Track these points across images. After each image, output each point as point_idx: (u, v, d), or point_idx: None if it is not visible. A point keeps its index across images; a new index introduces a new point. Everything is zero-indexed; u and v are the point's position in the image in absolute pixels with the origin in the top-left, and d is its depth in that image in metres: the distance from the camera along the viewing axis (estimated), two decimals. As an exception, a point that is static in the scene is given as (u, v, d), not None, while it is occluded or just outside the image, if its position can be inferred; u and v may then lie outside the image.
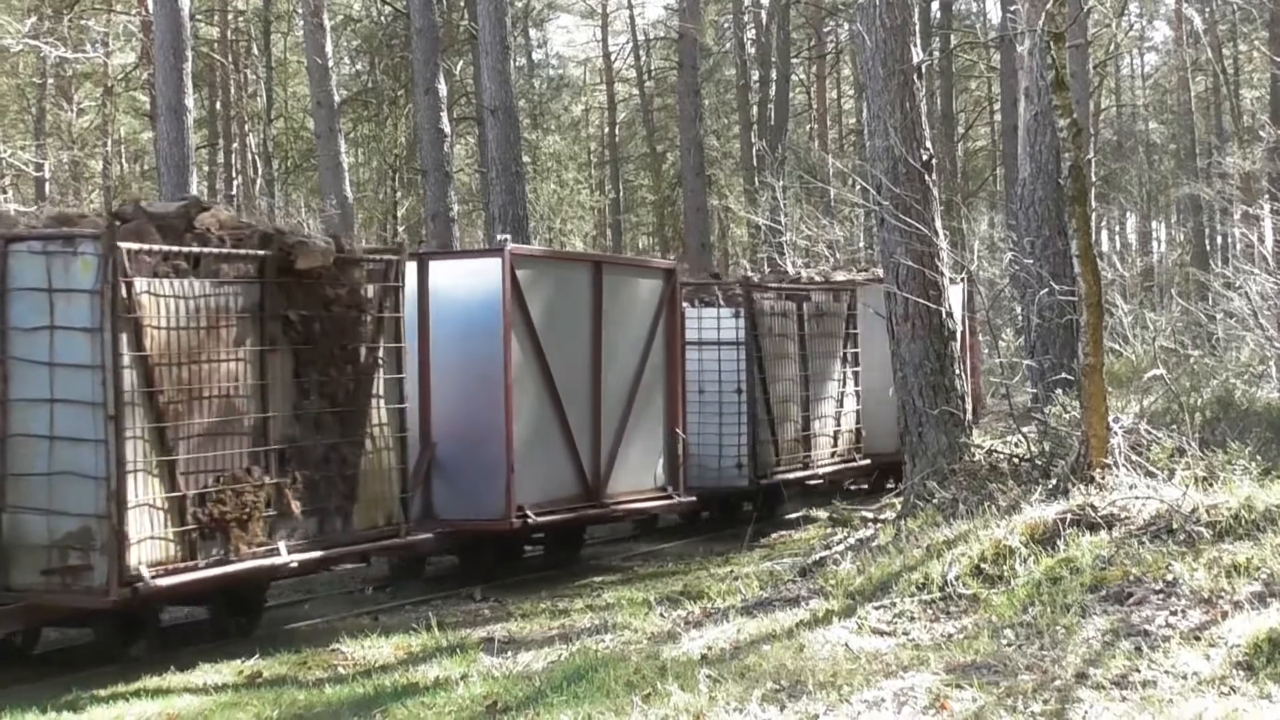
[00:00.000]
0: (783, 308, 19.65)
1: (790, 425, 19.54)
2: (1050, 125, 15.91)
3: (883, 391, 20.16)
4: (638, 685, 8.47)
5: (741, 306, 18.70)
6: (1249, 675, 7.90)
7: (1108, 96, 55.01)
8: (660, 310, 16.69)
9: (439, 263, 15.10)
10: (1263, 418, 13.90)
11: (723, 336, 18.72)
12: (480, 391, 14.56)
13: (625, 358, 16.09)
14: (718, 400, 18.58)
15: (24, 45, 30.62)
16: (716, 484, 18.59)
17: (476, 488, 14.50)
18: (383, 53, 40.69)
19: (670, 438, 16.81)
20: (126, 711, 9.49)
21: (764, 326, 19.03)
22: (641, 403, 16.29)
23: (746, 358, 18.64)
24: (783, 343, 19.50)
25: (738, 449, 18.57)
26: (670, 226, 47.91)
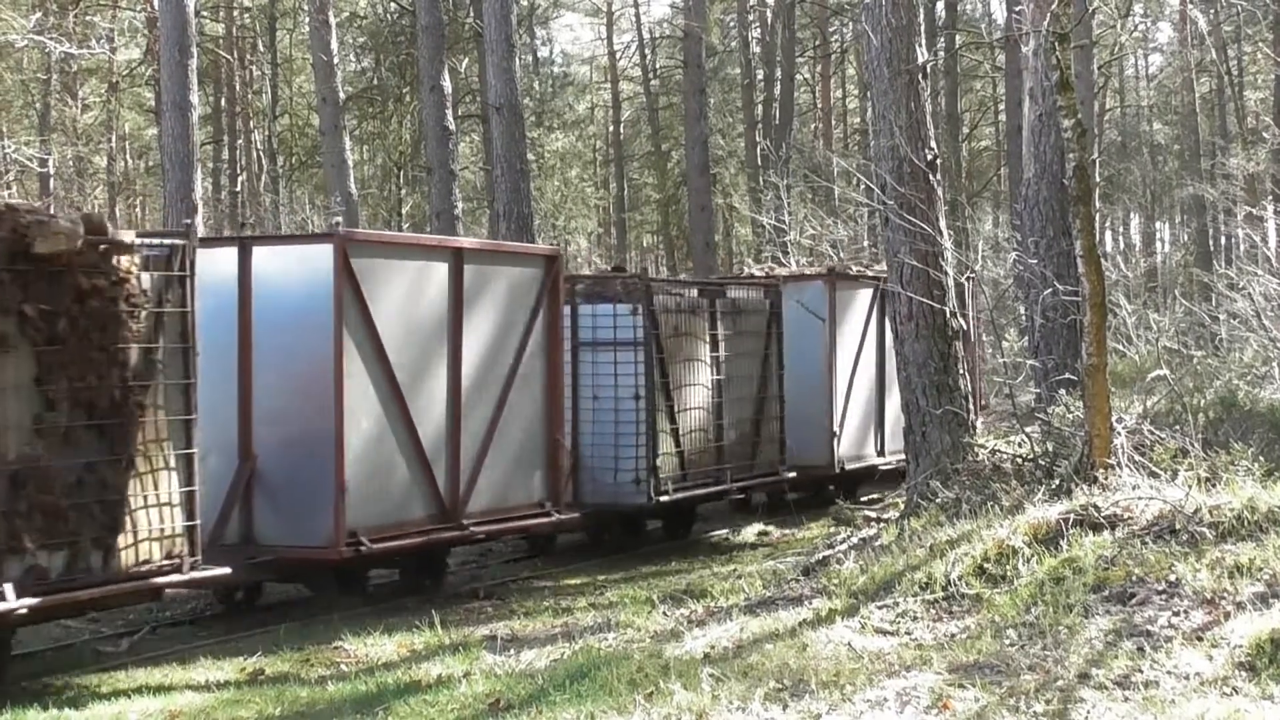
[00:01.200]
0: (691, 304, 17.82)
1: (700, 435, 17.62)
2: (1055, 126, 15.89)
3: (815, 398, 19.90)
4: (640, 684, 8.48)
5: (640, 303, 16.66)
6: (1251, 676, 7.90)
7: (1112, 97, 55.01)
8: (539, 304, 14.91)
9: (265, 249, 13.24)
10: (1266, 418, 13.87)
11: (619, 336, 16.70)
12: (308, 397, 12.78)
13: (493, 358, 14.39)
14: (614, 407, 16.62)
15: (29, 41, 30.62)
16: (613, 501, 16.68)
17: (302, 509, 12.70)
18: (388, 50, 40.71)
19: (551, 448, 15.07)
20: (128, 708, 9.51)
21: (667, 325, 17.06)
22: (515, 409, 14.59)
23: (646, 360, 16.59)
24: (691, 344, 17.56)
25: (635, 462, 16.46)
26: (675, 225, 47.91)
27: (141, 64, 38.20)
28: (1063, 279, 14.88)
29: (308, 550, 12.75)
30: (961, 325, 14.80)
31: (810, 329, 19.93)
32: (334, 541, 12.49)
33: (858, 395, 20.83)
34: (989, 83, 51.50)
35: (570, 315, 16.45)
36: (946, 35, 43.72)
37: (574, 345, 16.56)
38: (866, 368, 21.13)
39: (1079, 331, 13.05)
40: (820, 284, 20.44)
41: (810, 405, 19.82)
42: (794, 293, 19.73)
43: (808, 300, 19.90)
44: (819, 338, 20.08)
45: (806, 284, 20.49)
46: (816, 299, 20.11)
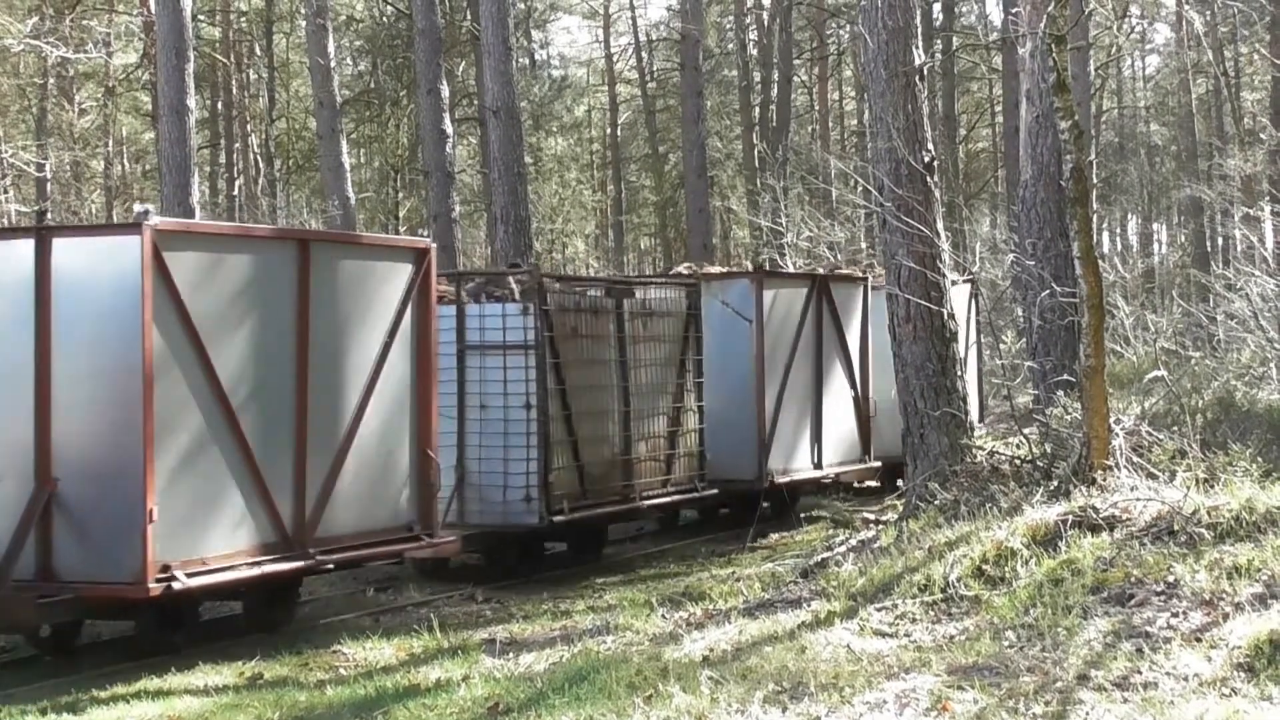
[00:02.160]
0: (594, 304, 16.29)
1: (604, 448, 16.09)
2: (1052, 127, 15.91)
3: (742, 407, 18.33)
4: (639, 687, 8.48)
5: (532, 302, 15.22)
6: (1250, 677, 7.90)
7: (1109, 98, 54.99)
8: (406, 302, 13.23)
9: (66, 240, 11.55)
10: (1264, 419, 13.89)
11: (509, 339, 15.26)
12: (114, 411, 11.15)
13: (349, 363, 12.76)
14: (503, 417, 15.15)
15: (25, 45, 30.64)
16: (502, 521, 15.15)
17: (106, 540, 11.04)
18: (385, 53, 40.70)
19: (421, 463, 13.31)
20: (127, 713, 9.51)
21: (564, 327, 15.57)
22: (376, 420, 12.90)
23: (539, 365, 15.12)
24: (594, 347, 16.04)
25: (526, 478, 15.03)
26: (672, 227, 47.91)
27: (138, 68, 38.22)
28: (1060, 280, 14.90)
29: (111, 587, 11.04)
30: (959, 327, 14.80)
31: (737, 331, 18.39)
32: (141, 577, 10.81)
33: (791, 403, 19.03)
34: (986, 84, 51.52)
35: (457, 315, 15.33)
36: (943, 37, 43.73)
37: (460, 348, 15.32)
38: (802, 373, 19.33)
39: (1077, 333, 13.06)
40: (746, 282, 18.80)
41: (737, 414, 18.27)
42: (718, 292, 18.41)
43: (733, 300, 18.42)
44: (746, 340, 18.43)
45: (732, 282, 18.96)
46: (743, 298, 18.48)
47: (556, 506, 15.14)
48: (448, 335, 14.91)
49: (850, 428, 20.17)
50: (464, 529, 14.84)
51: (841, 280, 20.69)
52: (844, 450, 20.09)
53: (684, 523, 19.63)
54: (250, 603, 12.57)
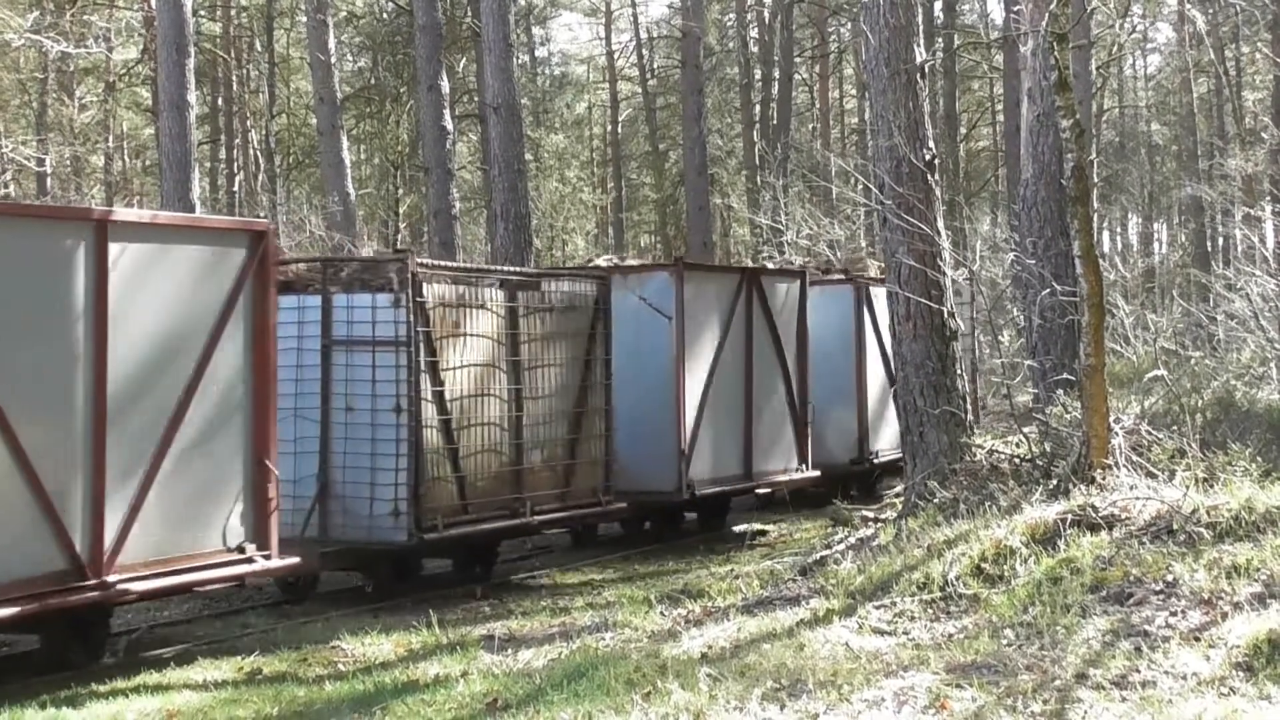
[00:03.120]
0: (480, 298, 14.65)
1: (490, 457, 14.58)
2: (1053, 126, 15.91)
3: (659, 411, 17.08)
4: (638, 683, 8.48)
5: (403, 294, 13.72)
6: (1248, 676, 7.91)
7: (1110, 98, 54.99)
8: (238, 291, 11.66)
9: None
10: (1263, 419, 13.88)
11: (379, 334, 13.78)
12: None
13: (163, 363, 11.14)
14: (370, 421, 13.67)
15: (26, 40, 30.62)
16: (367, 538, 13.71)
17: None
18: (385, 49, 40.69)
19: (257, 476, 11.75)
20: (126, 708, 9.51)
21: (444, 322, 14.10)
22: (197, 427, 11.32)
23: (411, 364, 13.63)
24: (481, 345, 14.55)
25: (395, 489, 13.57)
26: (672, 225, 47.91)
27: (139, 63, 38.19)
28: (1061, 279, 14.90)
29: None
30: (959, 325, 14.80)
31: (655, 329, 17.09)
32: None
33: (717, 407, 17.80)
34: (987, 83, 51.51)
35: (323, 306, 13.96)
36: (945, 35, 43.71)
37: (326, 343, 13.92)
38: (729, 375, 18.15)
39: (1077, 332, 13.07)
40: (665, 275, 17.45)
41: (655, 419, 17.05)
42: (634, 286, 17.12)
43: (651, 295, 17.13)
44: (665, 339, 17.13)
45: (649, 275, 17.63)
46: (662, 293, 17.17)
47: (429, 522, 13.66)
48: (313, 329, 13.91)
49: (785, 434, 19.20)
50: (327, 545, 13.61)
51: (775, 274, 19.98)
52: (778, 458, 19.05)
53: (603, 537, 18.25)
54: (48, 638, 11.16)
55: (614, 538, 18.10)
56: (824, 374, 20.19)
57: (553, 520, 15.68)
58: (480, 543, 14.96)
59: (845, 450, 21.05)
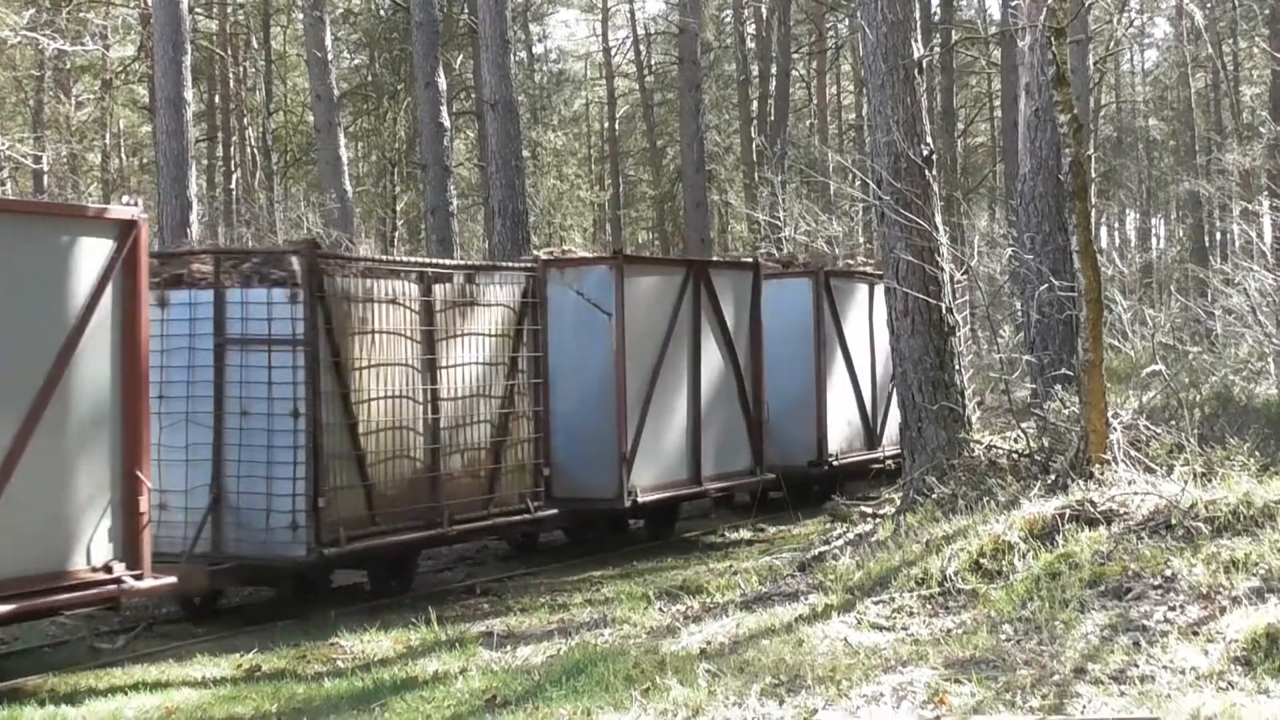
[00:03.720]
0: (392, 292, 13.48)
1: (403, 464, 13.47)
2: (1051, 121, 15.90)
3: (599, 413, 16.08)
4: (637, 680, 8.49)
5: (302, 287, 12.59)
6: (1247, 670, 7.92)
7: (1108, 92, 55.00)
8: (103, 287, 10.60)
9: None
10: (1261, 414, 13.90)
11: (275, 331, 12.64)
12: None
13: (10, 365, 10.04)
14: (266, 427, 12.59)
15: (22, 37, 30.57)
16: (263, 553, 12.59)
17: None
18: (382, 46, 40.68)
19: (127, 487, 10.75)
20: (125, 705, 9.51)
21: (350, 318, 12.95)
22: (53, 436, 10.24)
23: (310, 363, 12.51)
24: (392, 343, 13.41)
25: (292, 500, 12.46)
26: (670, 221, 47.91)
27: (135, 60, 38.18)
28: (1059, 274, 14.91)
29: None
30: (957, 321, 14.79)
31: (594, 326, 16.11)
32: None
33: (661, 408, 16.74)
34: (985, 78, 51.48)
35: (215, 302, 12.84)
36: (942, 30, 43.68)
37: (219, 342, 12.82)
38: (674, 374, 17.02)
39: (1075, 327, 13.07)
40: (605, 269, 16.34)
41: (593, 422, 16.05)
42: (572, 280, 16.16)
43: (590, 290, 16.14)
44: (605, 337, 16.09)
45: (587, 269, 16.50)
46: (601, 288, 16.15)
47: (331, 535, 12.51)
48: (205, 327, 12.84)
49: (737, 436, 18.07)
50: (220, 561, 12.55)
51: (725, 267, 18.88)
52: (729, 462, 17.89)
53: (544, 545, 17.41)
54: None
55: (557, 546, 17.26)
56: (781, 372, 19.30)
57: (475, 530, 14.57)
58: (394, 555, 13.84)
59: (804, 452, 19.95)
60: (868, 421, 21.31)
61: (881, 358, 20.86)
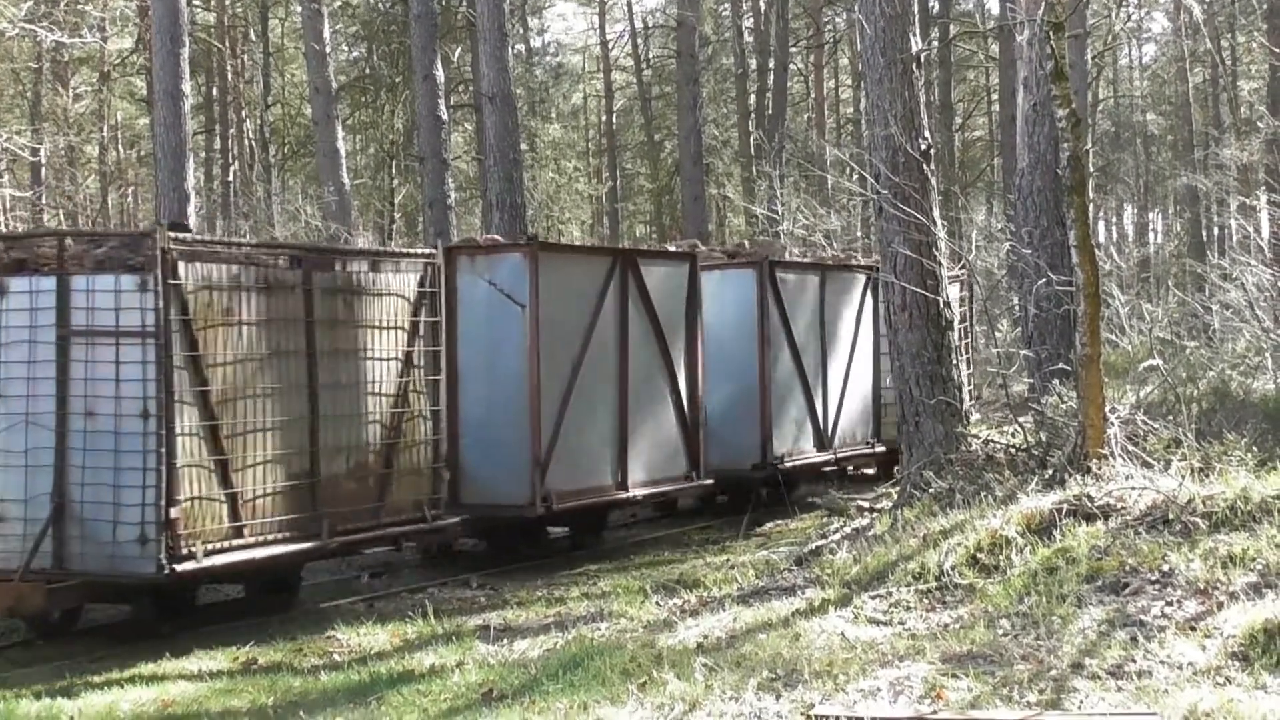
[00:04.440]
0: (263, 279, 12.18)
1: (274, 469, 12.12)
2: (1049, 115, 15.90)
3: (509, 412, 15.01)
4: (634, 673, 8.49)
5: (153, 273, 11.23)
6: (1244, 666, 7.91)
7: (1106, 87, 55.00)
8: None
9: None
10: (1259, 409, 13.89)
11: (124, 323, 11.33)
12: None
13: None
14: (114, 429, 11.27)
15: (20, 29, 30.52)
16: (109, 569, 11.28)
17: None
18: (380, 39, 40.66)
19: None
20: (121, 698, 9.50)
21: (211, 309, 11.64)
22: None
23: (161, 359, 11.18)
24: (263, 335, 12.09)
25: (141, 511, 11.12)
26: (668, 215, 47.88)
27: (133, 53, 38.16)
28: (1056, 269, 14.90)
29: None
30: (954, 315, 14.78)
31: (507, 318, 15.00)
32: None
33: (583, 407, 15.60)
34: (983, 72, 51.50)
35: (58, 289, 11.52)
36: (940, 24, 43.68)
37: (63, 334, 11.48)
38: (599, 370, 15.90)
39: (1072, 321, 13.07)
40: (518, 257, 15.18)
41: (505, 422, 14.98)
42: (484, 270, 15.07)
43: (502, 279, 15.02)
44: (518, 330, 14.98)
45: (500, 258, 15.29)
46: (515, 277, 15.02)
47: (186, 550, 11.22)
48: (47, 317, 11.55)
49: (671, 438, 16.94)
50: (60, 578, 11.35)
51: (657, 256, 17.81)
52: (662, 466, 16.80)
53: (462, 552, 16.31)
54: None
55: (477, 554, 16.16)
56: (724, 369, 18.21)
57: (361, 540, 13.24)
58: (271, 569, 12.57)
59: (748, 454, 18.64)
60: (818, 421, 20.01)
61: (836, 353, 20.50)
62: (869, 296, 21.20)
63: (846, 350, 20.81)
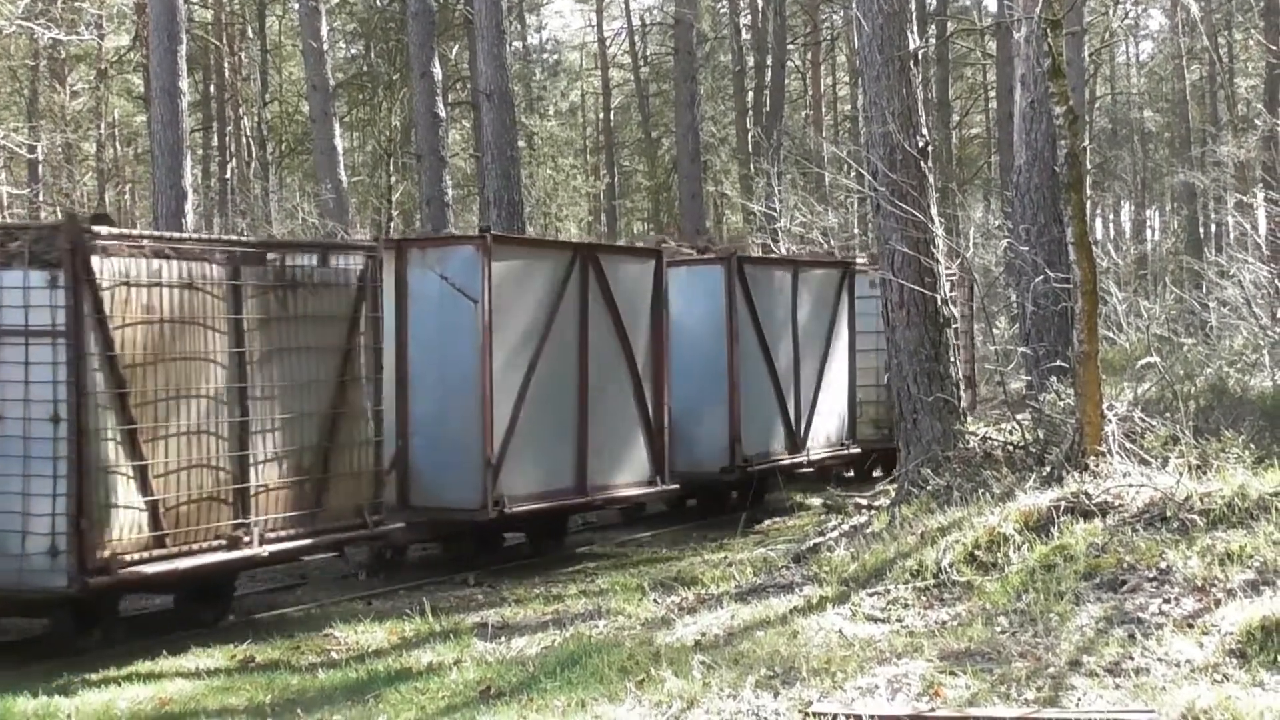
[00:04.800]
0: (187, 274, 11.40)
1: (199, 474, 11.37)
2: (1046, 112, 15.90)
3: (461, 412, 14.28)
4: (631, 671, 8.48)
5: (64, 270, 10.58)
6: (1242, 663, 7.91)
7: (1103, 84, 55.02)
8: None
9: None
10: (1256, 406, 13.91)
11: (33, 321, 10.64)
12: None
13: None
14: (23, 434, 10.60)
15: (17, 26, 30.51)
16: (17, 584, 10.61)
17: None
18: (378, 36, 40.64)
19: None
20: (119, 696, 9.49)
21: (130, 306, 10.94)
22: None
23: (75, 359, 10.55)
24: (186, 334, 11.37)
25: (51, 521, 10.49)
26: (665, 212, 47.87)
27: (130, 50, 38.14)
28: (1054, 266, 14.90)
29: None
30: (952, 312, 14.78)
31: (459, 314, 14.29)
32: None
33: (540, 408, 14.87)
34: (980, 70, 51.49)
35: None
36: (938, 22, 43.70)
37: None
38: (557, 369, 15.18)
39: (1070, 319, 13.07)
40: (471, 250, 14.46)
41: (456, 423, 14.27)
42: (435, 263, 14.42)
43: (454, 273, 14.33)
44: (470, 326, 14.26)
45: (452, 250, 14.68)
46: (468, 271, 14.32)
47: (97, 561, 10.56)
48: None
49: (634, 441, 16.29)
50: None
51: (621, 252, 17.43)
52: (624, 469, 16.19)
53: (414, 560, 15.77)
54: None
55: (430, 560, 15.73)
56: (691, 369, 17.73)
57: (295, 549, 12.35)
58: (199, 580, 11.90)
59: (717, 456, 18.00)
60: (790, 422, 19.45)
61: (809, 352, 19.97)
62: (845, 294, 20.77)
63: (820, 349, 20.34)
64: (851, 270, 21.15)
